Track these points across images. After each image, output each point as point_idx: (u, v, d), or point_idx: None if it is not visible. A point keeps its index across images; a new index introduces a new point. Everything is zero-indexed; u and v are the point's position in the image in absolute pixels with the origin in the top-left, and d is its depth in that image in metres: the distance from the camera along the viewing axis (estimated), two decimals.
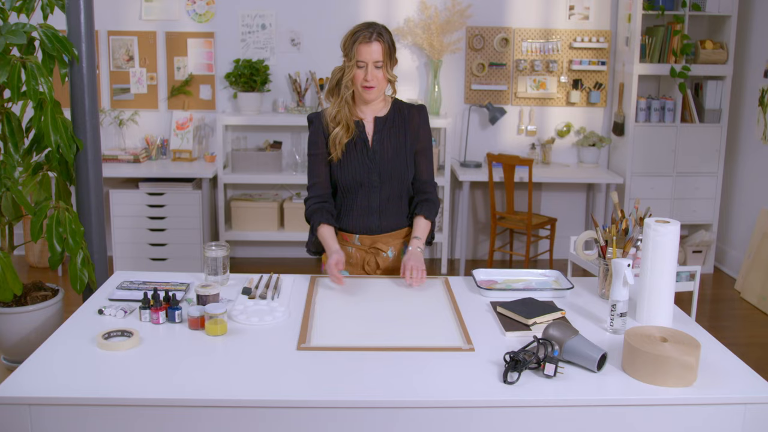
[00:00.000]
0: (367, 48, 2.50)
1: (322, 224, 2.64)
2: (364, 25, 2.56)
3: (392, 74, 2.60)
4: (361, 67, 2.53)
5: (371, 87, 2.55)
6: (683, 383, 1.81)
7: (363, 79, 2.53)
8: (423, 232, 2.69)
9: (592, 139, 5.65)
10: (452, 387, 1.81)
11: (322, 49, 5.50)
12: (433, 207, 2.73)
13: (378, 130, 2.66)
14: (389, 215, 2.71)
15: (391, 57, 2.57)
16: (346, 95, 2.58)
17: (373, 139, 2.65)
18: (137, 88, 5.54)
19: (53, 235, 3.16)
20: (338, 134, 2.60)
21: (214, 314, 2.07)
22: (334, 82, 2.63)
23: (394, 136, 2.66)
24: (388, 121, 2.67)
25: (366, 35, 2.51)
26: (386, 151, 2.64)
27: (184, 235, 5.20)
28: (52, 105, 3.16)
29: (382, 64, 2.53)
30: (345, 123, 2.60)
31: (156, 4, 5.44)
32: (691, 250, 5.57)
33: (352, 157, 2.64)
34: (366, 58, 2.51)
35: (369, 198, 2.68)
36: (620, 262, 2.10)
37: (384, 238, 2.72)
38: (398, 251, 2.76)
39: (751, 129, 5.42)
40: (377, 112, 2.68)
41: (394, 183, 2.67)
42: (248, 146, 5.56)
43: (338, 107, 2.61)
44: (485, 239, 5.92)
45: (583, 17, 5.60)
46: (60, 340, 2.03)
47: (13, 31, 3.07)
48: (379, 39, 2.51)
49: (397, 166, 2.65)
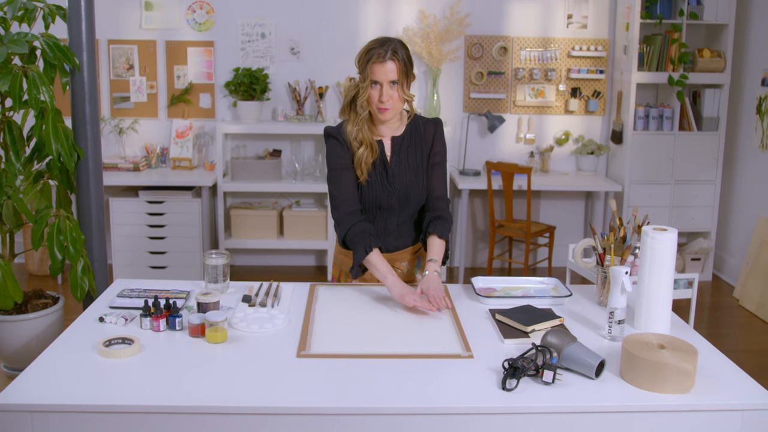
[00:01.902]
0: (381, 68, 2.39)
1: (375, 249, 2.47)
2: (378, 42, 2.44)
3: (408, 93, 2.48)
4: (375, 87, 2.42)
5: (386, 108, 2.44)
6: (681, 390, 1.82)
7: (378, 99, 2.43)
8: (438, 253, 2.54)
9: (591, 147, 5.67)
10: (451, 394, 1.82)
11: (322, 58, 5.53)
12: (446, 225, 2.59)
13: (396, 152, 2.56)
14: (404, 235, 2.66)
15: (407, 75, 2.45)
16: (362, 114, 2.47)
17: (392, 161, 2.56)
18: (137, 96, 5.56)
19: (54, 243, 3.17)
20: (363, 155, 2.49)
21: (215, 322, 2.08)
22: (348, 99, 2.51)
23: (412, 156, 2.58)
24: (405, 141, 2.58)
25: (380, 53, 2.39)
26: (404, 173, 2.56)
27: (183, 243, 5.21)
28: (53, 113, 3.18)
29: (397, 84, 2.42)
30: (368, 143, 2.50)
31: (156, 13, 5.46)
32: (689, 258, 5.58)
33: (373, 179, 2.54)
34: (380, 78, 2.40)
35: (386, 220, 2.60)
36: (618, 269, 2.11)
37: (399, 255, 2.67)
38: (412, 265, 2.71)
39: (749, 137, 5.44)
40: (394, 131, 2.58)
41: (412, 206, 2.60)
42: (248, 155, 5.57)
43: (358, 126, 2.49)
44: (484, 247, 5.93)
45: (581, 26, 5.63)
46: (61, 348, 2.04)
47: (15, 40, 3.09)
48: (393, 57, 2.39)
49: (416, 189, 2.58)
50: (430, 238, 2.57)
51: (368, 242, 2.46)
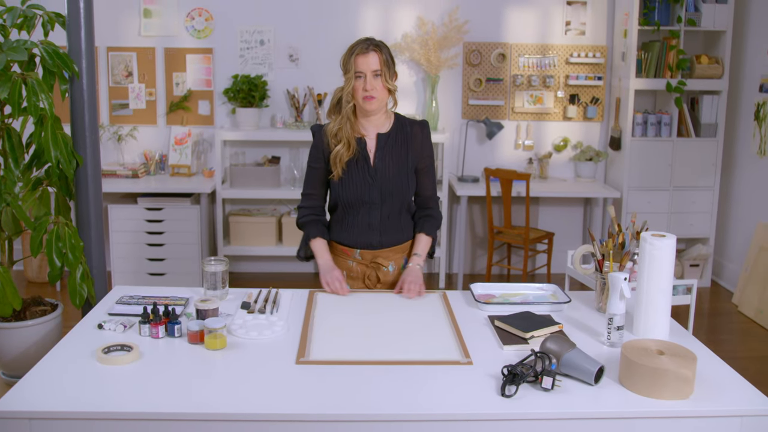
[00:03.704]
0: (364, 58, 2.51)
1: (317, 237, 2.71)
2: (360, 39, 2.58)
3: (392, 84, 2.58)
4: (359, 77, 2.52)
5: (371, 97, 2.53)
6: (680, 396, 1.82)
7: (362, 89, 2.53)
8: (423, 248, 2.73)
9: (589, 154, 5.67)
10: (450, 400, 1.82)
11: (321, 65, 5.54)
12: (434, 222, 2.76)
13: (380, 147, 2.65)
14: (390, 231, 2.72)
15: (389, 68, 2.56)
16: (346, 110, 2.57)
17: (375, 156, 2.64)
18: (136, 103, 5.56)
19: (53, 250, 3.17)
20: (339, 152, 2.60)
21: (214, 329, 2.08)
22: (334, 102, 2.63)
23: (396, 153, 2.65)
24: (390, 138, 2.66)
25: (363, 46, 2.53)
26: (387, 168, 2.64)
27: (182, 250, 5.21)
28: (53, 121, 3.18)
29: (380, 73, 2.53)
30: (346, 140, 2.59)
31: (155, 21, 5.48)
32: (688, 264, 5.58)
33: (353, 174, 2.64)
34: (363, 68, 2.51)
35: (370, 215, 2.68)
36: (617, 276, 2.11)
37: (385, 253, 2.72)
38: (399, 266, 2.76)
39: (746, 143, 5.45)
40: (380, 128, 2.67)
41: (395, 200, 2.68)
42: (246, 161, 5.58)
43: (339, 124, 2.60)
44: (483, 254, 5.93)
45: (579, 33, 5.64)
46: (60, 355, 2.04)
47: (14, 47, 3.10)
48: (375, 49, 2.53)
49: (399, 184, 2.66)
50: (418, 235, 2.75)
51: (317, 231, 2.72)
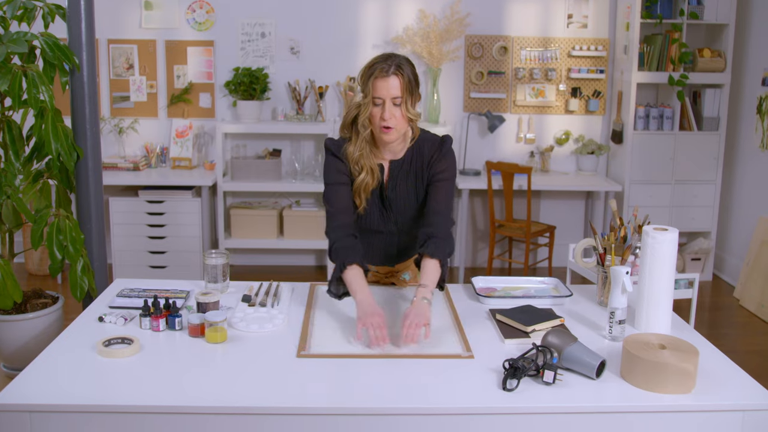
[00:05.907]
0: (383, 83, 2.22)
1: (353, 265, 2.25)
2: (381, 57, 2.28)
3: (413, 112, 2.30)
4: (377, 104, 2.25)
5: (389, 128, 2.26)
6: (682, 390, 1.82)
7: (380, 117, 2.25)
8: (431, 277, 2.25)
9: (591, 147, 5.66)
10: (451, 394, 1.81)
11: (322, 58, 5.52)
12: (439, 244, 2.29)
13: (393, 176, 2.41)
14: (407, 252, 2.59)
15: (412, 92, 2.28)
16: (364, 135, 2.31)
17: (388, 186, 2.42)
18: (137, 96, 5.55)
19: (53, 243, 3.17)
20: (365, 181, 2.35)
21: (214, 322, 2.08)
22: (349, 119, 2.35)
23: (411, 180, 2.41)
24: (404, 165, 2.40)
25: (383, 68, 2.23)
26: (400, 199, 2.42)
27: (183, 243, 5.21)
28: (53, 113, 3.18)
29: (401, 101, 2.25)
30: (369, 169, 2.34)
31: (156, 13, 5.46)
32: (689, 258, 5.57)
33: (370, 205, 2.42)
34: (383, 95, 2.23)
35: (387, 243, 2.53)
36: (619, 269, 2.11)
37: (400, 266, 2.64)
38: (415, 274, 2.63)
39: (749, 137, 5.43)
40: (396, 154, 2.41)
41: (413, 230, 2.45)
42: (248, 154, 5.57)
43: (360, 149, 2.33)
44: (484, 247, 5.92)
45: (581, 26, 5.62)
46: (60, 348, 2.04)
47: (15, 39, 3.09)
48: (397, 72, 2.23)
49: (413, 215, 2.45)
50: (423, 260, 2.30)
51: (355, 257, 2.27)
